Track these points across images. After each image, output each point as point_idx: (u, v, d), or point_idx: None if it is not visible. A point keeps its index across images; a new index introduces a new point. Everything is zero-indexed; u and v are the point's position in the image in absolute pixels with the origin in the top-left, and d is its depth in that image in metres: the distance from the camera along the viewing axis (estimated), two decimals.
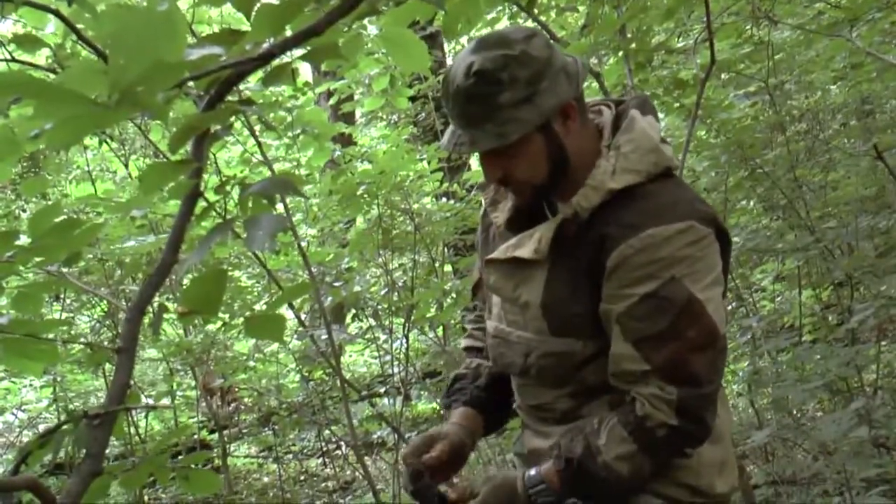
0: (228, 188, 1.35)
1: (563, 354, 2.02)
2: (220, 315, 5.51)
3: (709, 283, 1.89)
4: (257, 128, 4.50)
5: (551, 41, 1.98)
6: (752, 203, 5.92)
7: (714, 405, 1.94)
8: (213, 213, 1.34)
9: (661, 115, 5.11)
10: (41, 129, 1.13)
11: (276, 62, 1.28)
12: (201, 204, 1.26)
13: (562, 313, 1.99)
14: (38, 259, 1.61)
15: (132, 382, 1.29)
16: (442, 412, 5.06)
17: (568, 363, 2.02)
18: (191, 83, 1.20)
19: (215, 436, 7.52)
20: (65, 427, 1.42)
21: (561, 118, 1.95)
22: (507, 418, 2.33)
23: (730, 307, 6.01)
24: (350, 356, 9.78)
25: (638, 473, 1.94)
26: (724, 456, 2.09)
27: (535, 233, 2.02)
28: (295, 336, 6.24)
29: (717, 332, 1.90)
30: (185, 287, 1.30)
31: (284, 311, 5.21)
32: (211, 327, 6.14)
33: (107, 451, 1.24)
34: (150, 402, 6.78)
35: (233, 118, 1.32)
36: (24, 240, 1.59)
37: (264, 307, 5.20)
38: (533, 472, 2.02)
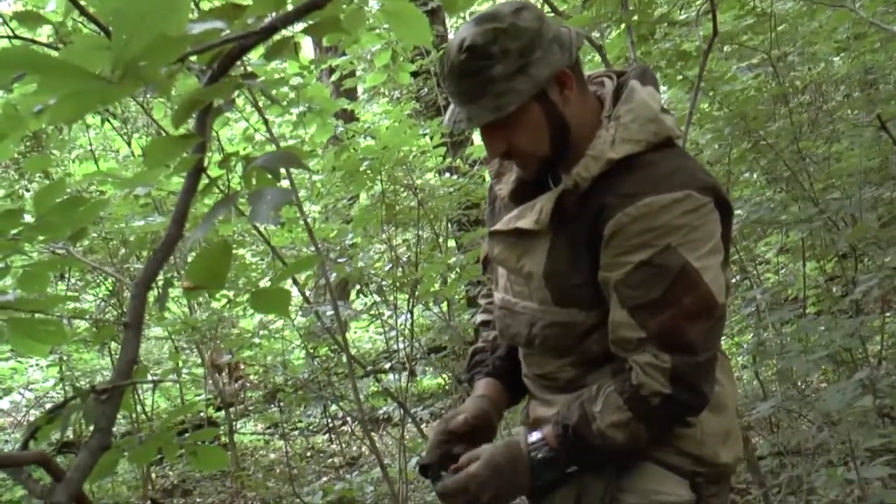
0: (232, 163, 1.35)
1: (567, 324, 2.03)
2: (225, 292, 5.52)
3: (706, 251, 1.90)
4: (261, 103, 4.49)
5: (542, 12, 1.99)
6: (755, 175, 5.91)
7: (711, 374, 1.94)
8: (217, 190, 1.33)
9: (664, 88, 5.12)
10: (45, 104, 1.13)
11: (278, 36, 1.28)
12: (204, 181, 1.26)
13: (564, 283, 2.01)
14: (42, 237, 1.62)
15: (138, 359, 1.29)
16: (463, 387, 5.08)
17: (571, 333, 2.03)
18: (193, 58, 1.20)
19: (222, 413, 7.55)
20: (73, 403, 1.43)
21: (557, 87, 1.97)
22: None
23: (734, 280, 6.01)
24: (355, 332, 9.81)
25: (634, 441, 1.95)
26: (728, 426, 2.10)
27: (536, 204, 2.04)
28: (300, 312, 6.25)
29: (713, 301, 1.90)
30: (190, 262, 1.30)
31: (289, 287, 5.23)
32: (216, 305, 6.15)
33: (113, 428, 1.25)
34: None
35: (236, 93, 1.32)
36: (28, 219, 1.59)
37: (269, 284, 5.20)
38: (534, 433, 2.04)
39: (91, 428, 1.21)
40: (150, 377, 6.41)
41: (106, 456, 1.28)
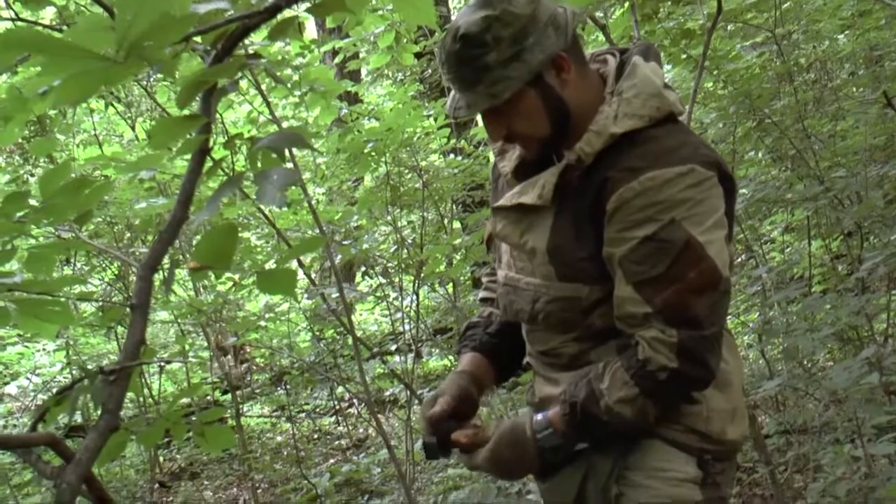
0: (237, 144, 1.34)
1: (570, 299, 2.03)
2: (230, 274, 5.53)
3: (710, 225, 1.90)
4: (264, 86, 4.48)
5: None
6: (760, 154, 5.89)
7: (717, 348, 1.95)
8: (221, 173, 1.33)
9: (668, 67, 5.10)
10: (49, 86, 1.13)
11: (281, 16, 1.28)
12: (209, 163, 1.26)
13: (567, 258, 2.01)
14: (48, 220, 1.62)
15: (145, 341, 1.29)
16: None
17: (575, 308, 2.04)
18: (197, 38, 1.20)
19: (228, 396, 7.57)
20: (81, 384, 1.43)
21: (553, 70, 1.97)
22: (521, 363, 2.34)
23: (739, 259, 6.01)
24: (360, 314, 9.81)
25: (641, 417, 1.96)
26: (734, 404, 2.10)
27: (539, 179, 2.04)
28: (306, 295, 6.25)
29: (718, 275, 1.91)
30: (197, 242, 1.30)
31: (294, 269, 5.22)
32: (221, 288, 6.16)
33: (121, 412, 1.25)
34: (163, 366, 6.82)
35: (240, 75, 1.32)
36: (33, 203, 1.59)
37: (274, 267, 5.19)
38: (540, 416, 2.05)
39: (99, 411, 1.21)
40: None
41: (114, 438, 1.28)
